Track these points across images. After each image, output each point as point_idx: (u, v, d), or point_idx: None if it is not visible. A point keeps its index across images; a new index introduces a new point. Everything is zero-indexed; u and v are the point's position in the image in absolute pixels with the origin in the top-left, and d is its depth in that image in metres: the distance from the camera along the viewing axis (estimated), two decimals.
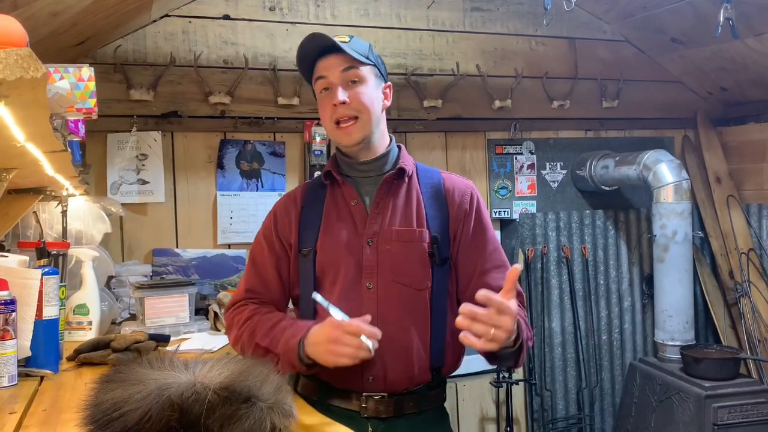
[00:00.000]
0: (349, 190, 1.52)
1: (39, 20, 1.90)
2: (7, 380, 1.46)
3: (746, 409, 2.81)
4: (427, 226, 1.49)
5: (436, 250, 1.46)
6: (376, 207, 1.50)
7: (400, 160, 1.56)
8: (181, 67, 2.85)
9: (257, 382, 1.02)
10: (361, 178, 1.54)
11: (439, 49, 3.27)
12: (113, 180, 2.77)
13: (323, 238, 1.51)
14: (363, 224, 1.49)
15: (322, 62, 1.47)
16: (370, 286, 1.45)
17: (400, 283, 1.46)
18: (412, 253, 1.47)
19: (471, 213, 1.52)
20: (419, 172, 1.58)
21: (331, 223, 1.51)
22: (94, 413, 0.98)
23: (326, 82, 1.47)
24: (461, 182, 1.58)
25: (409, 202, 1.51)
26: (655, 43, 3.51)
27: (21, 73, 0.63)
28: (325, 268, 1.50)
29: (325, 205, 1.54)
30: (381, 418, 1.45)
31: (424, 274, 1.47)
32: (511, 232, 3.46)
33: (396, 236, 1.47)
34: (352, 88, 1.46)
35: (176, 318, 2.24)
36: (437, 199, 1.53)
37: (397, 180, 1.52)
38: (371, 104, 1.48)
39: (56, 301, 1.64)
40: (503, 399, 3.32)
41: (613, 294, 3.54)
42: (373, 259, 1.46)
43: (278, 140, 3.02)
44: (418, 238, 1.47)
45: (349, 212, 1.51)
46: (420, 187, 1.54)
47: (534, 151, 3.46)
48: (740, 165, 3.62)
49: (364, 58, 1.47)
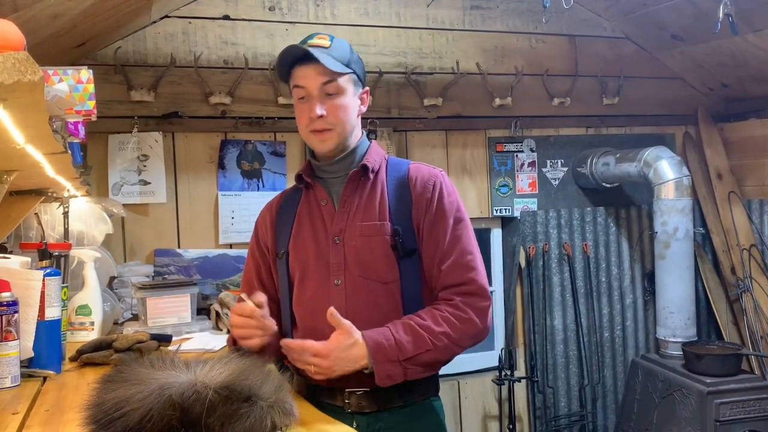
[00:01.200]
0: (320, 191, 1.55)
1: (39, 22, 1.91)
2: (9, 381, 1.46)
3: (748, 405, 2.81)
4: (390, 219, 1.49)
5: (399, 242, 1.46)
6: (342, 205, 1.52)
7: (366, 156, 1.55)
8: (182, 68, 2.86)
9: (258, 381, 1.03)
10: (331, 179, 1.56)
11: (439, 48, 3.27)
12: (114, 181, 2.78)
13: (295, 240, 1.55)
14: (331, 223, 1.51)
15: (299, 69, 1.46)
16: (338, 282, 1.47)
17: (366, 278, 1.47)
18: (375, 248, 1.47)
19: (432, 202, 1.50)
20: (389, 166, 1.57)
21: (303, 225, 1.55)
22: (96, 413, 0.99)
23: (303, 91, 1.47)
24: (427, 171, 1.55)
25: (372, 197, 1.51)
26: (655, 39, 3.51)
27: (18, 77, 0.64)
28: (297, 268, 1.53)
29: (299, 209, 1.57)
30: (365, 413, 1.47)
31: (388, 268, 1.47)
32: (513, 230, 3.47)
33: (360, 232, 1.48)
34: (329, 100, 1.46)
35: (178, 318, 2.25)
36: (401, 191, 1.52)
37: (363, 177, 1.53)
38: (347, 117, 1.49)
39: (58, 302, 1.65)
40: (505, 396, 3.33)
41: (615, 291, 3.55)
42: (339, 256, 1.48)
43: (279, 140, 3.02)
44: (379, 231, 1.47)
45: (320, 213, 1.54)
46: (386, 180, 1.54)
47: (535, 148, 3.46)
48: (741, 161, 3.61)
49: (343, 66, 1.46)
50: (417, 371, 1.40)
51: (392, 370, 1.37)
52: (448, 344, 1.41)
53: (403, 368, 1.38)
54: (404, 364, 1.38)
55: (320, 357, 1.36)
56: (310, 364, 1.37)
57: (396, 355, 1.37)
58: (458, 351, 1.45)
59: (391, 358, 1.37)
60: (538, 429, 3.40)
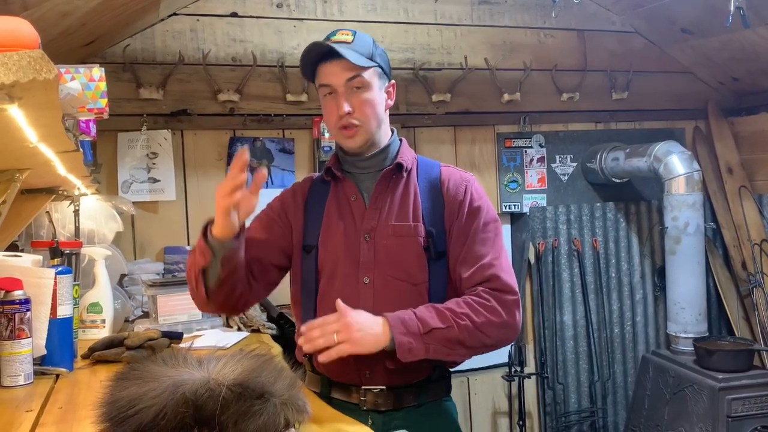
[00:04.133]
0: (349, 186, 1.54)
1: (49, 21, 1.91)
2: (23, 378, 1.47)
3: (761, 401, 2.79)
4: (423, 221, 1.49)
5: (431, 244, 1.46)
6: (374, 202, 1.51)
7: (400, 154, 1.55)
8: (190, 66, 2.86)
9: (271, 379, 1.03)
10: (361, 174, 1.55)
11: (447, 43, 3.26)
12: (124, 179, 2.79)
13: (324, 234, 1.53)
14: (361, 220, 1.50)
15: (324, 67, 1.46)
16: (367, 280, 1.47)
17: (396, 278, 1.46)
18: (407, 248, 1.47)
19: (463, 205, 1.50)
20: (420, 166, 1.57)
21: (332, 220, 1.53)
22: (110, 410, 0.99)
23: (329, 89, 1.47)
24: (458, 175, 1.55)
25: (406, 197, 1.51)
26: (664, 33, 3.48)
27: (34, 75, 0.64)
28: (325, 263, 1.52)
29: (328, 202, 1.56)
30: (380, 411, 1.46)
31: (419, 269, 1.47)
32: (522, 226, 3.46)
33: (392, 231, 1.48)
34: (356, 95, 1.46)
35: (189, 315, 2.26)
36: (434, 193, 1.52)
37: (396, 175, 1.52)
38: (375, 112, 1.48)
39: (70, 300, 1.65)
40: (515, 393, 3.32)
41: (625, 286, 3.53)
42: (370, 254, 1.47)
43: (287, 137, 3.02)
44: (413, 232, 1.47)
45: (349, 208, 1.53)
46: (418, 181, 1.54)
47: (544, 144, 3.45)
48: (752, 155, 3.59)
49: (367, 60, 1.45)
50: (439, 349, 1.37)
51: (414, 344, 1.34)
52: (470, 326, 1.38)
53: (424, 343, 1.35)
54: (425, 338, 1.35)
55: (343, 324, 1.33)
56: (333, 333, 1.33)
57: (417, 328, 1.35)
58: (483, 338, 1.40)
59: (413, 330, 1.35)
60: (548, 425, 3.39)
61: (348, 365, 1.43)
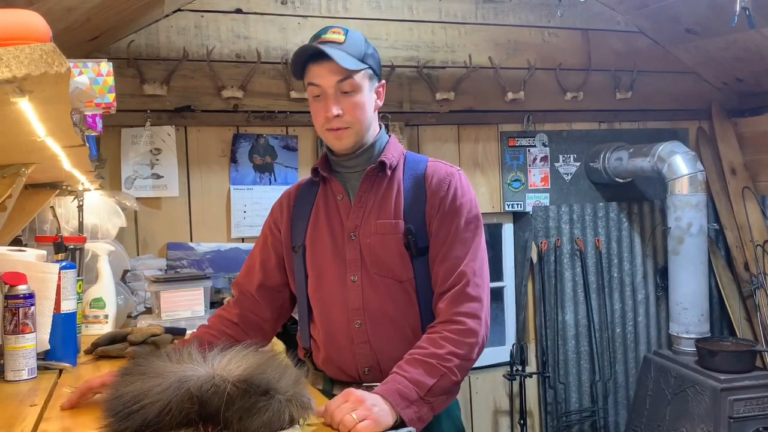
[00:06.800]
0: (336, 186, 1.53)
1: (54, 16, 1.91)
2: (26, 373, 1.47)
3: (762, 402, 2.79)
4: (404, 217, 1.47)
5: (412, 241, 1.44)
6: (358, 201, 1.50)
7: (384, 151, 1.53)
8: (194, 62, 2.86)
9: (276, 375, 1.03)
10: (348, 173, 1.54)
11: (451, 42, 3.26)
12: (128, 174, 2.79)
13: (311, 234, 1.53)
14: (347, 219, 1.50)
15: (314, 67, 1.43)
16: (355, 278, 1.47)
17: (382, 276, 1.46)
18: (390, 246, 1.45)
19: (444, 201, 1.46)
20: (407, 162, 1.55)
21: (319, 219, 1.53)
22: (115, 405, 0.99)
23: (318, 90, 1.44)
24: (444, 169, 1.51)
25: (388, 194, 1.49)
26: (669, 33, 3.48)
27: (45, 69, 0.64)
28: (314, 262, 1.52)
29: (315, 202, 1.56)
30: None
31: (403, 266, 1.46)
32: (525, 225, 3.45)
33: (375, 229, 1.47)
34: (345, 97, 1.43)
35: (191, 311, 2.26)
36: (417, 189, 1.49)
37: (381, 173, 1.51)
38: (364, 114, 1.46)
39: (74, 295, 1.65)
40: (517, 392, 3.32)
41: (627, 286, 3.53)
42: (355, 252, 1.47)
43: (291, 134, 3.02)
44: (393, 230, 1.46)
45: (336, 208, 1.52)
46: (404, 177, 1.52)
47: (547, 143, 3.45)
48: (756, 156, 3.58)
49: (358, 63, 1.43)
50: (441, 401, 1.35)
51: (419, 411, 1.30)
52: (457, 362, 1.36)
53: (427, 404, 1.32)
54: (426, 399, 1.31)
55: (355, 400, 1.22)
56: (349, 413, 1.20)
57: (416, 393, 1.30)
58: (470, 363, 1.40)
59: (412, 398, 1.30)
60: (549, 424, 3.40)
61: (348, 363, 1.46)
